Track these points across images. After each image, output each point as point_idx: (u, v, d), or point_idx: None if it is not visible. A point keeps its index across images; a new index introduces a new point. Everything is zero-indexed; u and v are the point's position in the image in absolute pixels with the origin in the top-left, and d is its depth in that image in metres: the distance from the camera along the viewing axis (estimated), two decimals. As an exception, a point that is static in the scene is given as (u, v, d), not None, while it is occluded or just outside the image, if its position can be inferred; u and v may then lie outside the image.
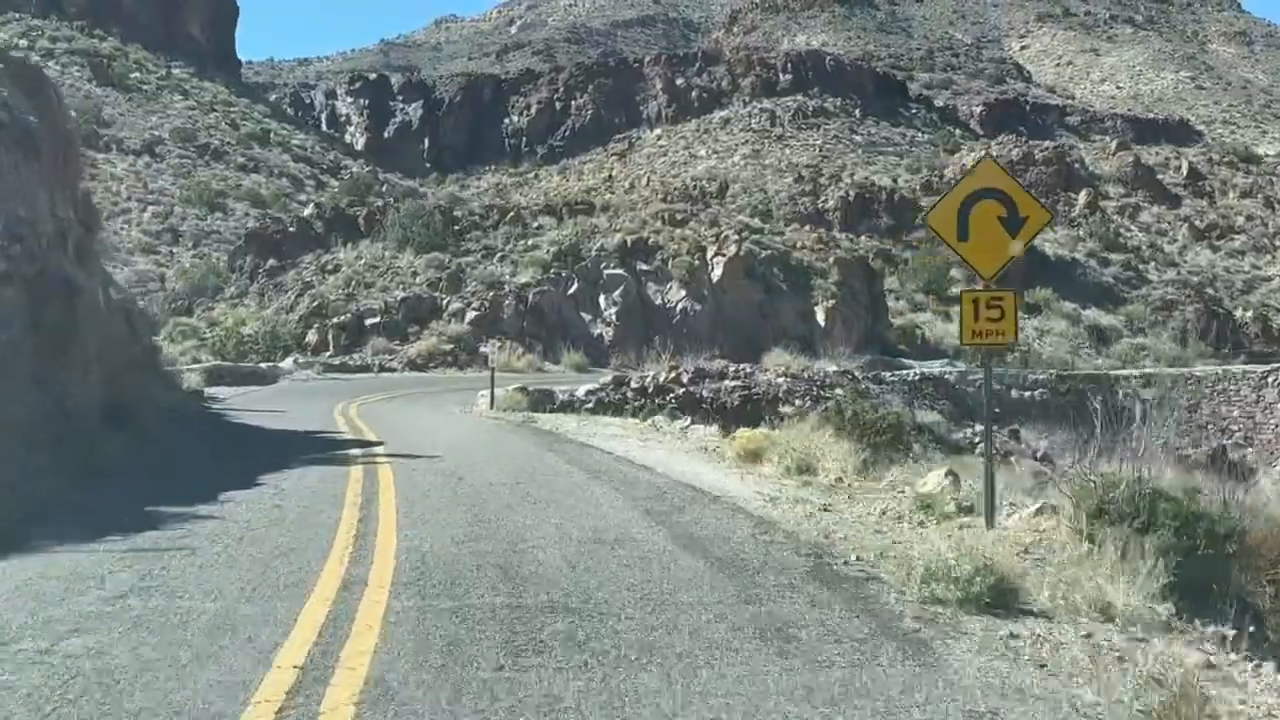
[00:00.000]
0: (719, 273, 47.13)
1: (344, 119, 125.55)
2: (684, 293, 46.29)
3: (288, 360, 38.88)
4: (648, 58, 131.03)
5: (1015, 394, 37.02)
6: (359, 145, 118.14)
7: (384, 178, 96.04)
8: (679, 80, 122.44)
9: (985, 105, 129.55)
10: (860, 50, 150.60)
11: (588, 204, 57.31)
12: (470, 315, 43.70)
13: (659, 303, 46.32)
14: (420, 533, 8.41)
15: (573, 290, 45.91)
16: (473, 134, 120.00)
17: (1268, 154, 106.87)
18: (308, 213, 59.01)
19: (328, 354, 41.26)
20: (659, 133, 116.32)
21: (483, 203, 64.21)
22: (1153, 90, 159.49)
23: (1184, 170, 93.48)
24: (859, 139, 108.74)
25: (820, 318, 47.92)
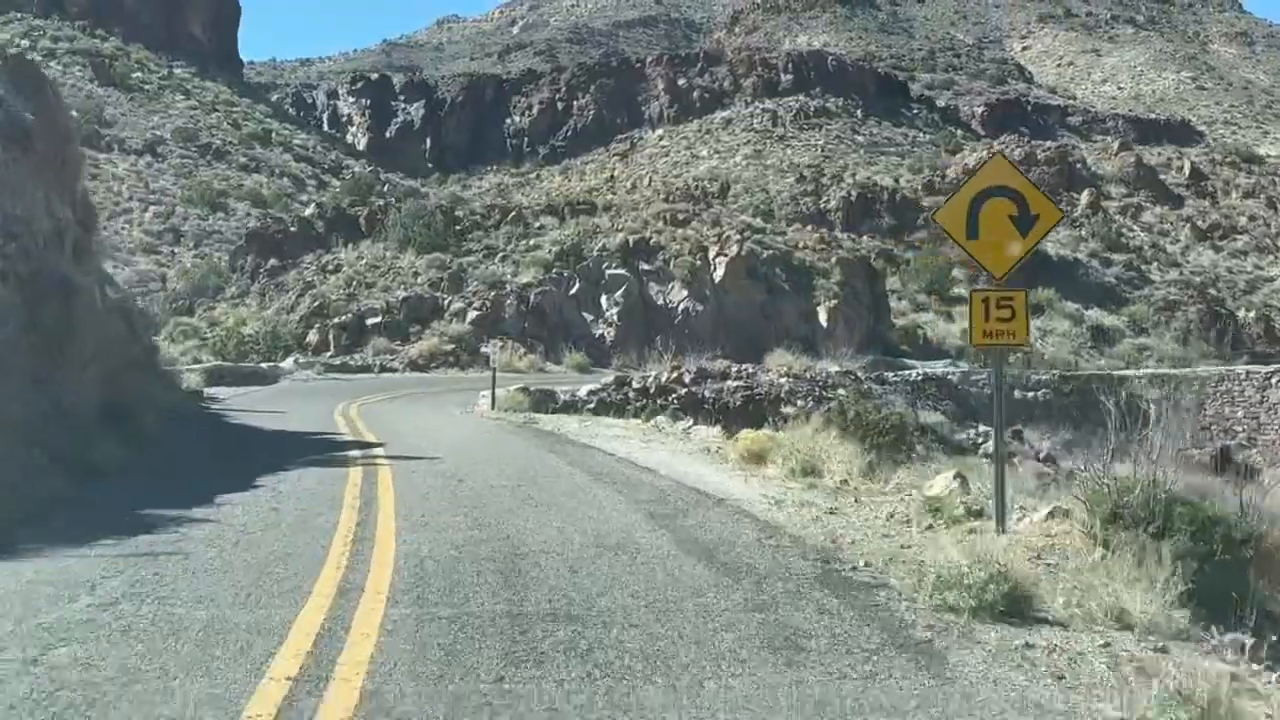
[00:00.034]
0: (721, 273, 46.97)
1: (346, 119, 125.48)
2: (686, 293, 46.12)
3: (288, 360, 38.71)
4: (649, 58, 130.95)
5: (1018, 394, 36.83)
6: (361, 145, 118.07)
7: (386, 178, 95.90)
8: (681, 80, 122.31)
9: (987, 106, 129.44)
10: (862, 51, 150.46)
11: (589, 204, 57.16)
12: (472, 315, 43.53)
13: (661, 303, 46.15)
14: (419, 537, 8.25)
15: (574, 290, 45.75)
16: (474, 134, 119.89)
17: (1269, 154, 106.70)
18: (309, 212, 58.84)
19: (329, 354, 41.09)
20: (661, 133, 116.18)
21: (484, 202, 64.06)
22: (1154, 91, 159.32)
23: (1186, 170, 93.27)
24: (860, 139, 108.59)
25: (822, 318, 47.75)
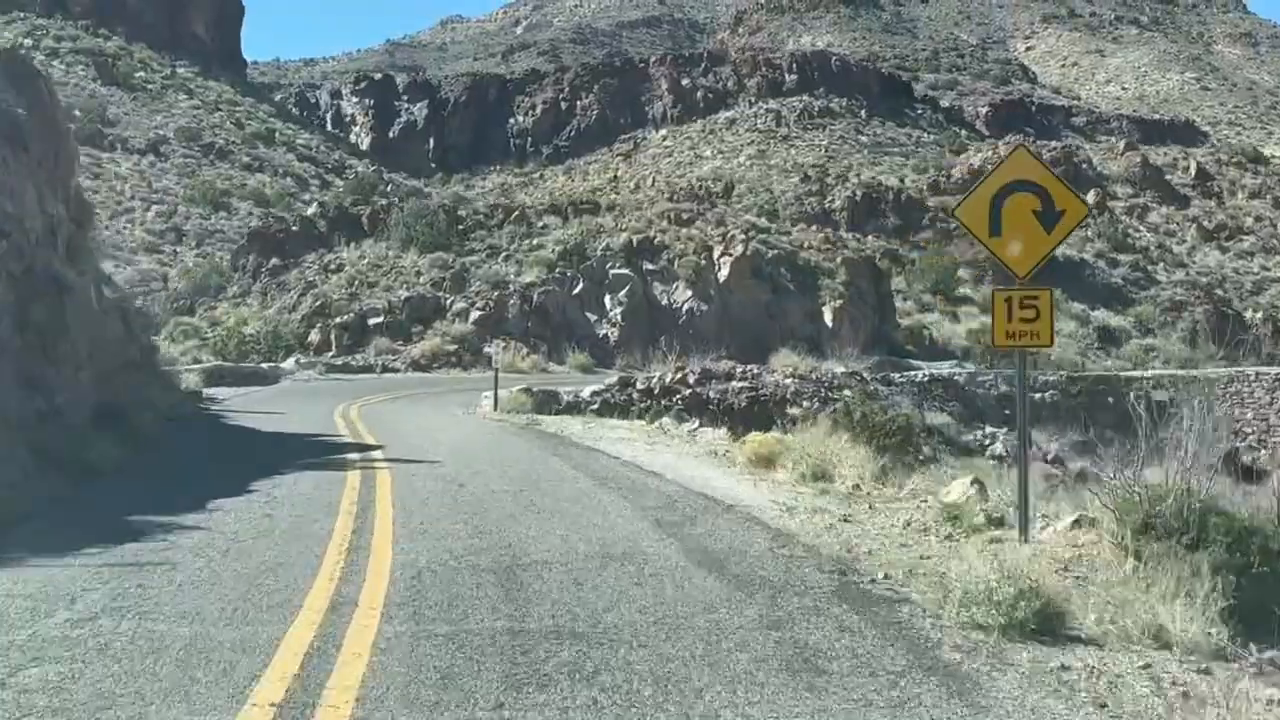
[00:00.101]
0: (725, 272, 46.60)
1: (349, 119, 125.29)
2: (690, 293, 45.76)
3: (289, 360, 38.39)
4: (653, 58, 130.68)
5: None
6: (364, 145, 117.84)
7: (389, 177, 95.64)
8: (684, 81, 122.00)
9: (991, 106, 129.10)
10: (865, 51, 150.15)
11: (593, 203, 56.82)
12: (474, 315, 43.20)
13: (665, 303, 45.79)
14: (417, 545, 7.91)
15: (578, 290, 45.40)
16: (478, 134, 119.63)
17: (1275, 155, 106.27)
18: (311, 212, 58.52)
19: (330, 354, 40.78)
20: (664, 133, 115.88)
21: (488, 202, 63.74)
22: (1158, 91, 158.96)
23: (1192, 171, 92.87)
24: (864, 139, 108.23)
25: (828, 318, 47.39)
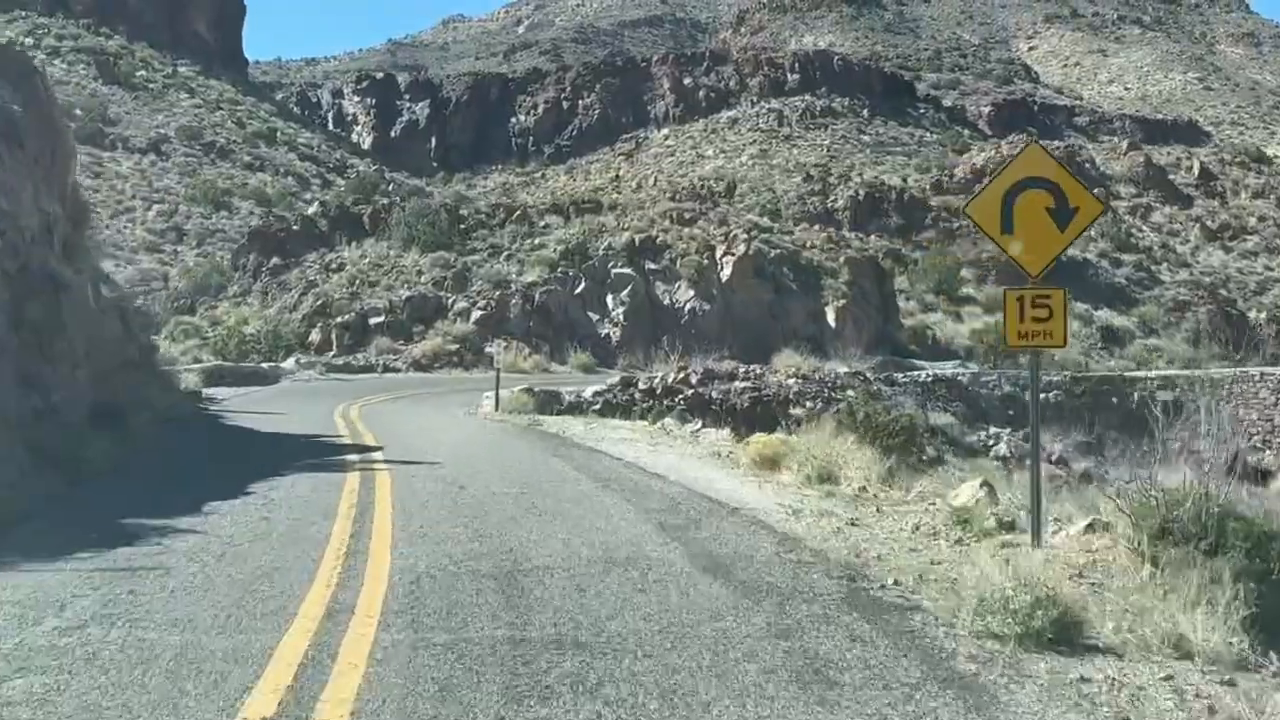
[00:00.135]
0: (728, 272, 46.42)
1: (350, 118, 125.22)
2: (692, 292, 45.58)
3: (290, 360, 38.21)
4: (655, 57, 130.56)
5: (1029, 396, 36.31)
6: (366, 144, 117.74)
7: (390, 177, 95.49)
8: (686, 80, 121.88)
9: (993, 105, 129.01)
10: (868, 50, 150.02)
11: (595, 203, 56.63)
12: (476, 315, 43.01)
13: (667, 302, 45.61)
14: (416, 550, 7.74)
15: (580, 290, 45.22)
16: (480, 133, 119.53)
17: (1278, 155, 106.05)
18: (312, 211, 58.35)
19: (331, 354, 40.60)
20: (666, 132, 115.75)
21: (489, 201, 63.55)
22: (1160, 91, 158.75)
23: (1195, 170, 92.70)
24: (867, 139, 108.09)
25: (830, 318, 47.21)
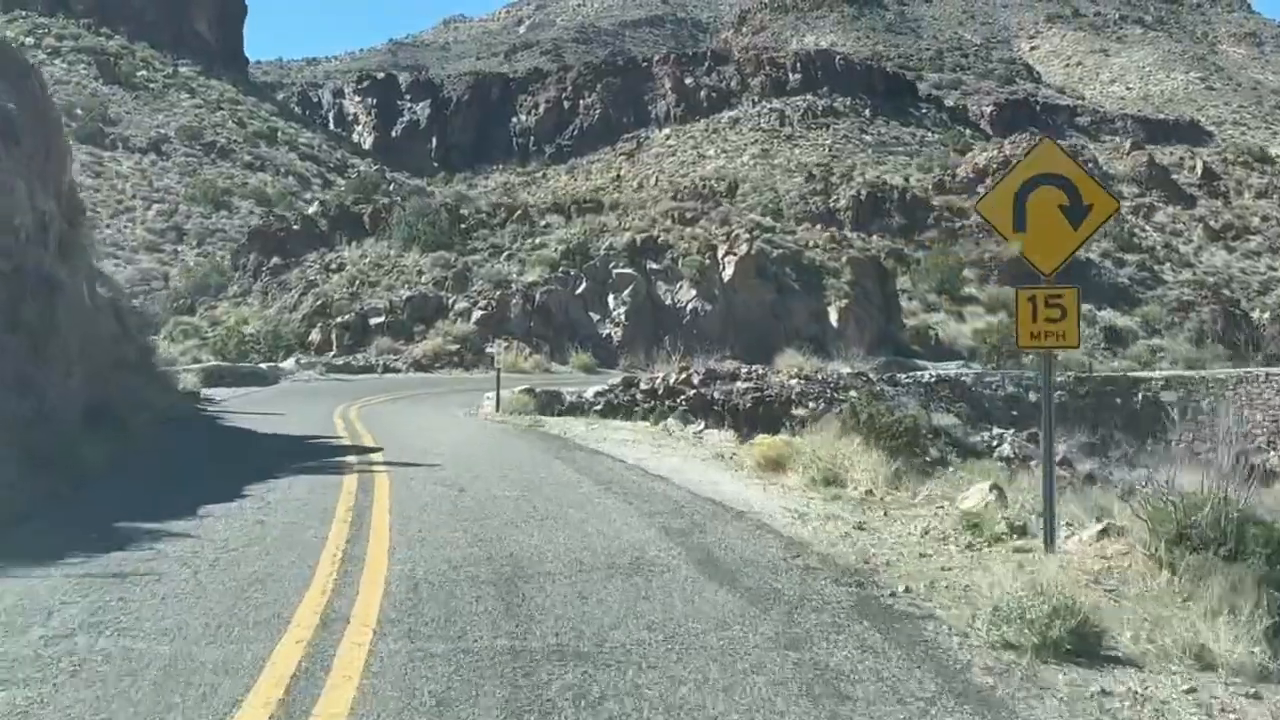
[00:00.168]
0: (730, 272, 46.25)
1: (351, 118, 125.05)
2: (694, 292, 45.40)
3: (289, 360, 38.04)
4: (656, 57, 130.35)
5: (1032, 397, 36.20)
6: (366, 144, 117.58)
7: (391, 177, 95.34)
8: (688, 80, 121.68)
9: (995, 105, 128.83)
10: (869, 50, 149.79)
11: (596, 202, 56.44)
12: (476, 315, 42.85)
13: (669, 302, 45.44)
14: (414, 555, 7.56)
15: (581, 289, 45.05)
16: (480, 133, 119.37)
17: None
18: (312, 211, 58.22)
19: (331, 354, 40.45)
20: (668, 132, 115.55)
21: (490, 201, 63.37)
22: (1163, 91, 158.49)
23: (1198, 170, 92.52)
24: (869, 139, 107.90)
25: (833, 318, 47.03)
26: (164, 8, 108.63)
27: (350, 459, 13.56)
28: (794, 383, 28.07)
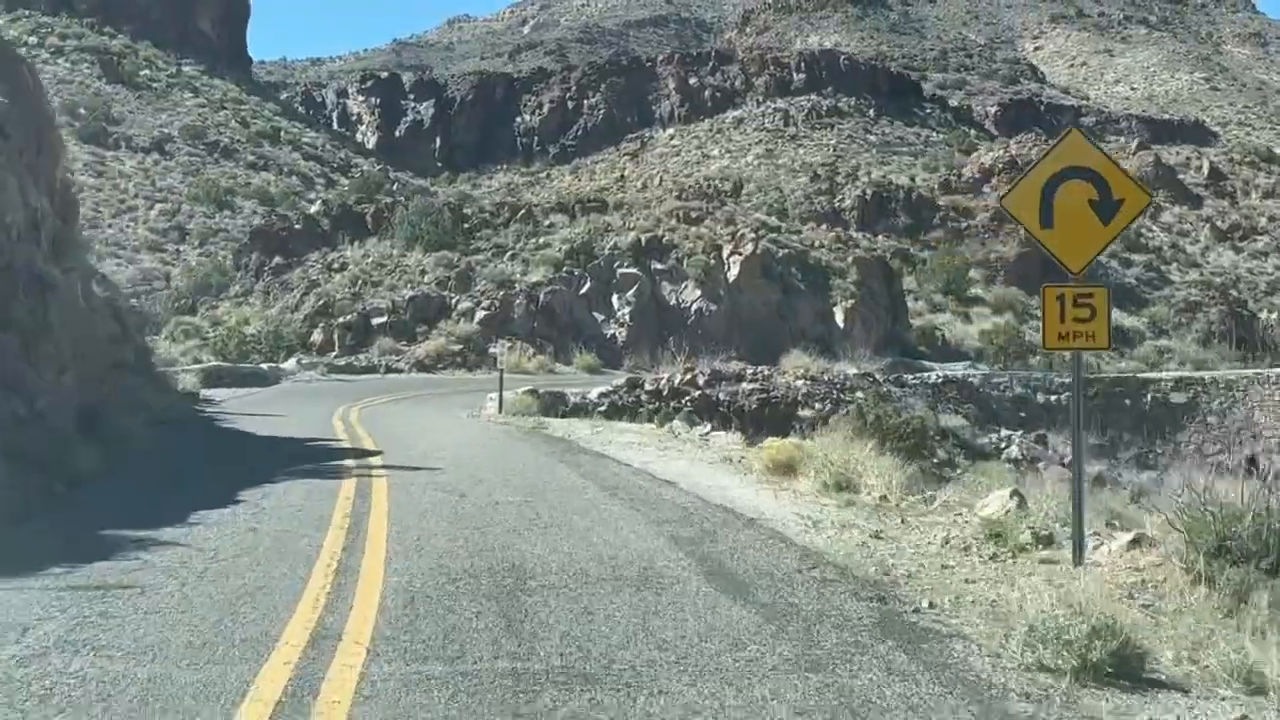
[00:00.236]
0: (735, 272, 45.86)
1: (355, 118, 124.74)
2: (699, 292, 45.02)
3: (290, 361, 37.71)
4: (660, 57, 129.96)
5: (1040, 398, 35.94)
6: (370, 144, 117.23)
7: (395, 176, 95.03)
8: (692, 80, 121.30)
9: (1000, 105, 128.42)
10: (873, 50, 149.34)
11: (601, 202, 56.07)
12: (480, 315, 42.49)
13: (673, 302, 45.06)
14: (412, 565, 7.22)
15: (585, 289, 44.68)
16: (484, 133, 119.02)
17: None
18: (315, 210, 57.91)
19: (333, 354, 40.11)
20: (672, 132, 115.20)
21: (494, 200, 63.05)
22: (1167, 91, 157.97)
23: (1205, 170, 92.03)
24: (873, 139, 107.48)
25: (839, 318, 46.66)
26: (167, 7, 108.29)
27: (349, 462, 13.24)
28: (800, 384, 27.76)
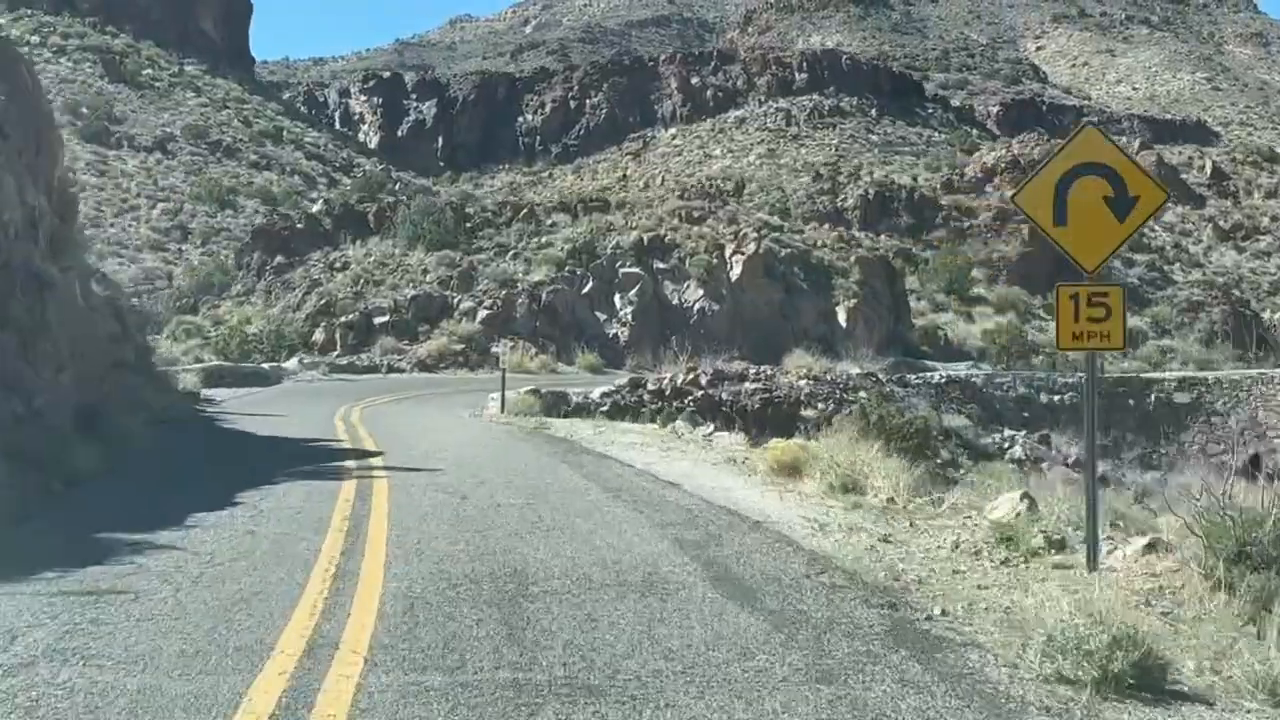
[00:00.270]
0: (738, 271, 45.71)
1: (358, 117, 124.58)
2: (702, 292, 44.88)
3: (292, 360, 37.58)
4: (662, 57, 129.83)
5: (1044, 398, 35.83)
6: (372, 144, 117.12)
7: (397, 176, 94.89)
8: (694, 79, 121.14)
9: (1001, 105, 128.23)
10: (875, 50, 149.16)
11: (603, 201, 55.93)
12: (482, 314, 42.36)
13: (676, 302, 44.92)
14: (411, 570, 7.07)
15: (587, 289, 44.54)
16: (487, 133, 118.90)
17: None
18: (316, 209, 57.77)
19: (335, 354, 39.98)
20: (674, 132, 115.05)
21: (496, 200, 62.90)
22: (1169, 91, 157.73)
23: (1208, 170, 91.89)
24: (875, 138, 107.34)
25: (841, 318, 46.52)
26: (169, 6, 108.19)
27: (349, 463, 13.11)
28: (803, 383, 27.62)
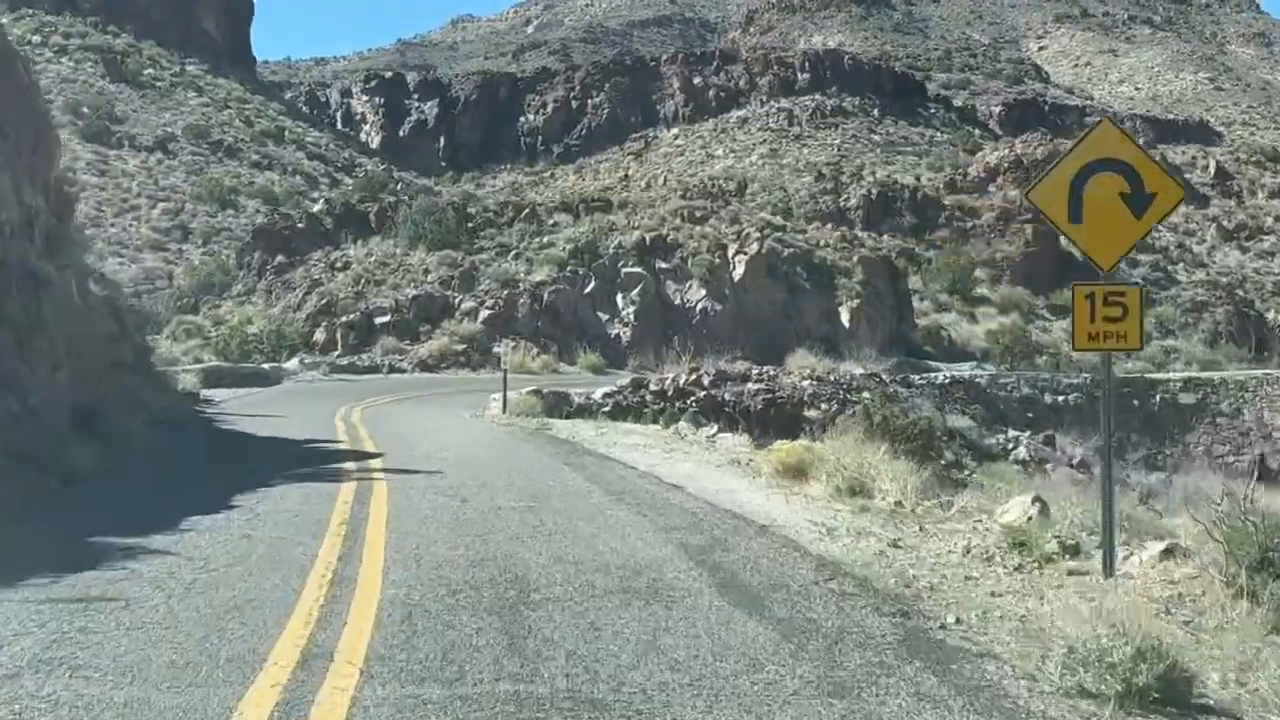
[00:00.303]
0: (740, 271, 45.54)
1: (359, 117, 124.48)
2: (704, 292, 44.70)
3: (292, 361, 37.42)
4: (664, 57, 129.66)
5: (1049, 399, 35.75)
6: (374, 144, 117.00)
7: (399, 176, 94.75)
8: (696, 79, 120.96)
9: (1004, 105, 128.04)
10: (877, 50, 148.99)
11: (605, 201, 55.77)
12: (483, 314, 42.20)
13: (678, 302, 44.74)
14: (410, 576, 6.90)
15: (589, 289, 44.37)
16: (488, 133, 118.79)
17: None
18: (317, 209, 57.61)
19: (336, 354, 39.83)
20: (676, 132, 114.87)
21: (497, 199, 62.76)
22: (1171, 91, 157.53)
23: (1211, 170, 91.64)
24: (877, 138, 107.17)
25: (844, 318, 46.37)
26: (171, 6, 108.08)
27: (349, 465, 12.94)
28: (806, 384, 27.44)
